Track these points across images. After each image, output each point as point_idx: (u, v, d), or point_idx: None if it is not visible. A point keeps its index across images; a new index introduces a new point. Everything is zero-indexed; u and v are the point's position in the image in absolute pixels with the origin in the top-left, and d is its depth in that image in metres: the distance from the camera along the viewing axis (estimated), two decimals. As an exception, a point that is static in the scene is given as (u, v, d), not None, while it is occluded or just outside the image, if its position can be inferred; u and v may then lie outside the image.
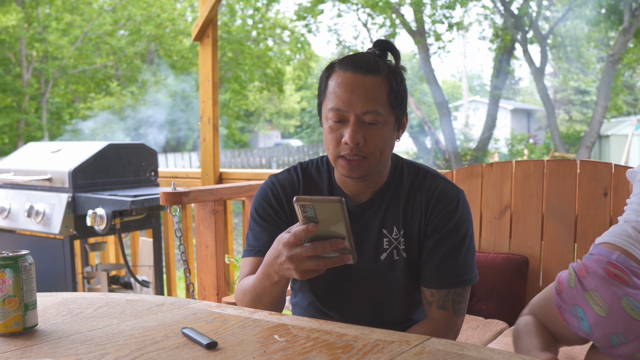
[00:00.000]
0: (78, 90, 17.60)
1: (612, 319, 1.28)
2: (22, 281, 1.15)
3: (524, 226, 2.16)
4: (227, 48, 20.11)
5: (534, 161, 2.17)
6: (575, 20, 19.74)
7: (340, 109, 1.35)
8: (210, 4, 3.31)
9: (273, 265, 1.25)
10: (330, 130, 1.38)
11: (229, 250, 3.36)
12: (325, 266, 1.19)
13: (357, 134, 1.34)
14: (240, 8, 21.03)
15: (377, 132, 1.36)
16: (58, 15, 15.97)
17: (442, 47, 20.02)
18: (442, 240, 1.42)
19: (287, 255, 1.19)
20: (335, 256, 1.19)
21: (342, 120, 1.36)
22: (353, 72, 1.35)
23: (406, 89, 1.42)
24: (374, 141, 1.36)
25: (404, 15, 19.23)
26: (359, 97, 1.34)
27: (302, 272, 1.20)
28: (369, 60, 1.36)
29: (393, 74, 1.38)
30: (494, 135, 21.77)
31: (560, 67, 22.52)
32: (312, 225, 1.16)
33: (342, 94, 1.35)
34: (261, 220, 1.49)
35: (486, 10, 20.99)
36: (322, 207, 1.14)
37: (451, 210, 1.43)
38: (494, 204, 2.23)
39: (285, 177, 1.52)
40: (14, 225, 3.34)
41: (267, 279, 1.30)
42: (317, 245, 1.17)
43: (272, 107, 28.30)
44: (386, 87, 1.36)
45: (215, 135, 3.54)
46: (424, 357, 0.99)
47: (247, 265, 1.48)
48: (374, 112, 1.34)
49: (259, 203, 1.51)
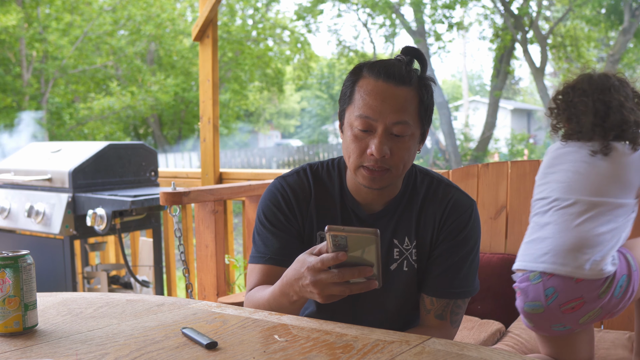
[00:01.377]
0: (78, 90, 17.59)
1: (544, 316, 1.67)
2: (22, 281, 1.15)
3: (520, 226, 2.17)
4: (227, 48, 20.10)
5: (530, 161, 2.17)
6: (575, 20, 19.73)
7: (370, 117, 1.30)
8: (210, 4, 3.31)
9: (293, 286, 1.22)
10: (355, 138, 1.32)
11: (229, 250, 3.36)
12: (350, 292, 1.16)
13: (384, 145, 1.29)
14: (240, 8, 21.03)
15: (404, 145, 1.32)
16: (58, 15, 15.96)
17: (442, 47, 20.04)
18: (450, 250, 1.39)
19: (311, 280, 1.16)
20: (361, 282, 1.16)
21: (368, 130, 1.31)
22: (385, 82, 1.30)
23: (433, 101, 1.38)
24: (399, 154, 1.32)
25: (404, 15, 19.24)
26: (391, 107, 1.29)
27: (325, 297, 1.18)
28: (401, 70, 1.31)
29: (424, 86, 1.34)
30: (494, 135, 21.76)
31: (560, 67, 22.51)
32: (342, 254, 1.12)
33: (373, 102, 1.29)
34: (271, 226, 1.43)
35: (486, 10, 20.99)
36: (355, 238, 1.11)
37: (464, 221, 1.40)
38: (490, 204, 2.23)
39: (295, 180, 1.46)
40: (14, 225, 3.34)
41: (285, 297, 1.27)
42: (344, 272, 1.13)
43: (272, 107, 28.30)
44: (417, 99, 1.32)
45: (215, 135, 3.54)
46: (424, 357, 0.99)
47: (256, 273, 1.43)
48: (404, 124, 1.30)
49: (268, 207, 1.45)
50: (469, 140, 22.02)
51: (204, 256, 2.91)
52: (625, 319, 2.00)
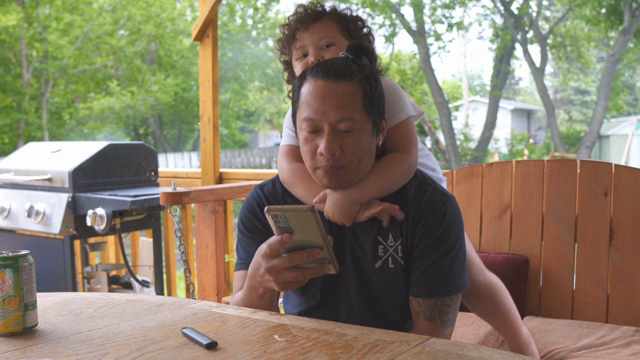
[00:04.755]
0: (78, 90, 17.59)
1: None
2: (22, 281, 1.15)
3: (524, 226, 2.16)
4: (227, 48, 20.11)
5: (534, 161, 2.17)
6: (575, 20, 19.74)
7: (313, 119, 1.29)
8: (210, 4, 3.31)
9: (255, 277, 1.25)
10: (305, 141, 1.32)
11: (229, 250, 3.36)
12: (304, 277, 1.17)
13: (333, 143, 1.28)
14: (240, 8, 21.03)
15: (354, 140, 1.30)
16: (58, 15, 15.96)
17: (442, 47, 20.03)
18: (428, 249, 1.36)
19: (265, 267, 1.19)
20: (314, 266, 1.17)
21: (316, 131, 1.30)
22: (324, 80, 1.29)
23: (382, 92, 1.36)
24: (350, 150, 1.30)
25: (404, 15, 19.24)
26: (332, 105, 1.28)
27: (281, 284, 1.19)
28: (340, 66, 1.31)
29: (367, 78, 1.32)
30: (494, 135, 21.77)
31: (560, 67, 22.52)
32: (287, 236, 1.14)
33: (314, 102, 1.29)
34: (248, 233, 1.45)
35: (486, 10, 21.00)
36: (294, 217, 1.12)
37: (438, 218, 1.36)
38: (494, 204, 2.22)
39: (269, 189, 1.48)
40: (14, 225, 3.34)
41: (253, 291, 1.30)
42: (294, 255, 1.15)
43: (272, 107, 28.30)
44: (360, 92, 1.30)
45: (215, 135, 3.54)
46: (424, 357, 0.99)
47: (239, 279, 1.45)
48: (349, 120, 1.28)
49: (245, 215, 1.47)
50: (469, 140, 22.03)
51: (204, 256, 2.91)
52: (629, 316, 2.01)
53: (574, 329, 1.93)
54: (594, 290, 2.04)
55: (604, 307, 2.04)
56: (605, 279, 2.03)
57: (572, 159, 2.14)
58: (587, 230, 2.05)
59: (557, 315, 2.10)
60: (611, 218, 2.02)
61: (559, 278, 2.10)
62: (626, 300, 1.99)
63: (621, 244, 2.00)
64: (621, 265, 2.00)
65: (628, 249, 1.99)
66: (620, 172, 2.02)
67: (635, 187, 1.99)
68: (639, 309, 1.98)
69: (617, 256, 2.01)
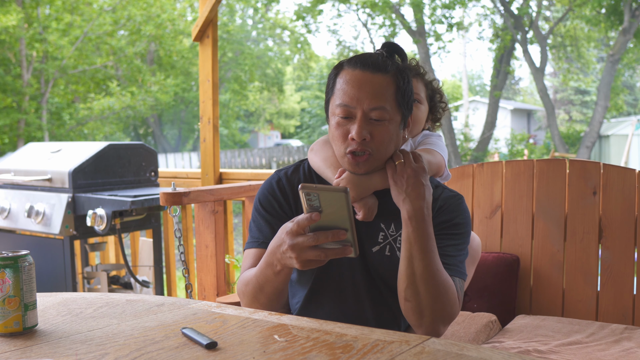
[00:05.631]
0: (78, 91, 17.59)
1: None
2: (22, 281, 1.15)
3: (515, 225, 2.18)
4: (227, 48, 20.12)
5: (524, 161, 2.19)
6: (575, 20, 19.74)
7: (348, 105, 1.37)
8: (210, 4, 3.31)
9: (276, 253, 1.27)
10: (337, 126, 1.40)
11: (229, 250, 3.36)
12: (326, 257, 1.20)
13: (364, 129, 1.36)
14: (240, 8, 21.04)
15: (383, 129, 1.38)
16: (58, 16, 15.95)
17: (442, 47, 20.01)
18: (444, 238, 1.44)
19: (289, 243, 1.21)
20: (337, 247, 1.19)
21: (349, 117, 1.38)
22: (362, 70, 1.38)
23: (412, 89, 1.45)
24: (379, 137, 1.38)
25: (403, 15, 19.24)
26: (367, 93, 1.36)
27: (303, 262, 1.22)
28: (377, 60, 1.39)
29: (400, 74, 1.41)
30: (494, 135, 21.77)
31: (560, 67, 22.52)
32: (316, 215, 1.17)
33: (350, 90, 1.37)
34: (265, 213, 1.50)
35: (486, 10, 20.99)
36: (326, 197, 1.15)
37: (454, 211, 1.47)
38: (485, 203, 2.24)
39: (292, 171, 1.55)
40: (14, 225, 3.34)
41: (270, 267, 1.32)
42: (319, 235, 1.18)
43: (272, 107, 28.30)
44: (393, 85, 1.39)
45: (215, 135, 3.54)
46: (423, 357, 0.99)
47: (250, 257, 1.49)
48: (381, 109, 1.37)
49: (263, 195, 1.52)
50: (469, 140, 22.03)
51: (204, 256, 2.91)
52: (619, 313, 2.01)
53: (565, 326, 1.95)
54: (584, 289, 2.07)
55: (593, 305, 2.06)
56: (594, 277, 2.06)
57: (562, 158, 2.16)
58: (577, 229, 2.08)
59: (548, 313, 2.12)
60: (600, 217, 2.05)
61: (549, 276, 2.12)
62: (615, 298, 2.02)
63: (610, 243, 2.03)
64: (610, 263, 2.02)
65: (617, 247, 2.02)
66: (609, 172, 2.04)
67: (624, 186, 2.01)
68: (628, 307, 2.00)
69: (607, 254, 2.03)
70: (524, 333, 1.91)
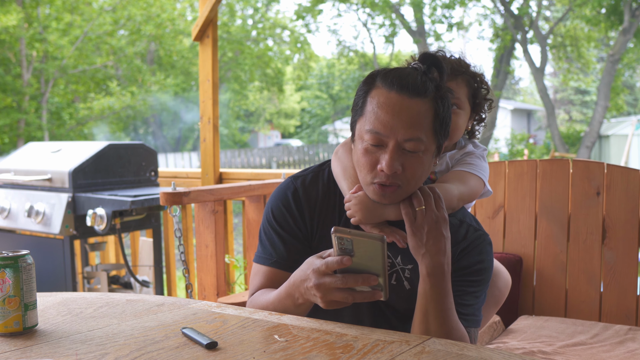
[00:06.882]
0: (78, 90, 17.59)
1: None
2: (22, 281, 1.15)
3: (518, 226, 2.17)
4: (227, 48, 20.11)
5: (527, 161, 2.18)
6: (575, 20, 19.73)
7: (380, 133, 1.22)
8: (210, 4, 3.31)
9: (299, 287, 1.21)
10: (365, 152, 1.25)
11: (229, 250, 3.36)
12: (354, 300, 1.14)
13: (396, 161, 1.22)
14: (240, 8, 21.04)
15: (417, 161, 1.24)
16: (58, 15, 15.96)
17: (442, 48, 20.01)
18: (463, 285, 1.35)
19: (315, 282, 1.15)
20: (366, 291, 1.14)
21: (379, 145, 1.23)
22: (398, 93, 1.22)
23: (451, 113, 1.29)
24: (411, 170, 1.24)
25: (403, 15, 19.24)
26: (402, 122, 1.21)
27: (328, 302, 1.17)
28: (416, 81, 1.23)
29: (440, 99, 1.25)
30: (494, 135, 21.76)
31: (560, 67, 22.52)
32: (347, 259, 1.11)
33: (384, 116, 1.22)
34: (279, 228, 1.39)
35: (486, 10, 20.99)
36: (361, 243, 1.10)
37: (477, 255, 1.36)
38: (487, 203, 2.23)
39: (311, 180, 1.41)
40: (14, 225, 3.33)
41: (290, 299, 1.26)
42: (348, 278, 1.12)
43: (272, 107, 28.29)
44: (432, 112, 1.23)
45: (215, 135, 3.53)
46: (424, 357, 0.99)
47: (260, 275, 1.40)
48: (417, 140, 1.22)
49: (277, 208, 1.40)
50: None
51: (204, 256, 2.91)
52: (622, 314, 2.01)
53: (568, 327, 1.95)
54: (587, 289, 2.06)
55: (596, 305, 2.05)
56: (598, 278, 2.05)
57: (565, 158, 2.14)
58: (580, 230, 2.07)
59: (551, 314, 2.11)
60: (604, 217, 2.04)
61: (552, 277, 2.11)
62: (619, 299, 2.01)
63: (614, 243, 2.02)
64: (614, 264, 2.02)
65: (620, 248, 2.01)
66: (613, 172, 2.03)
67: (627, 187, 2.00)
68: (631, 308, 1.99)
69: (610, 255, 2.02)
70: (528, 334, 1.91)
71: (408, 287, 1.38)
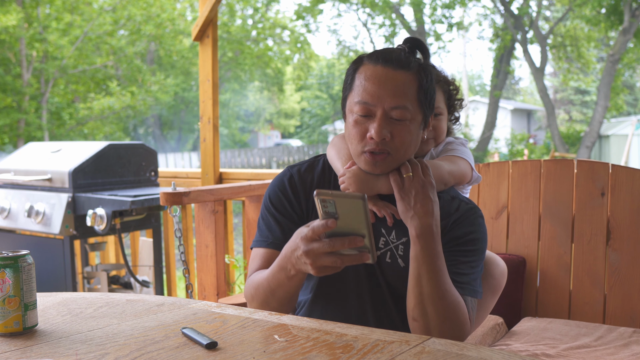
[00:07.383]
0: (78, 90, 17.59)
1: None
2: (22, 281, 1.15)
3: (521, 226, 2.16)
4: (227, 48, 20.11)
5: (531, 161, 2.17)
6: (575, 20, 19.74)
7: (368, 103, 1.31)
8: (210, 4, 3.31)
9: (290, 258, 1.24)
10: (355, 124, 1.33)
11: (229, 250, 3.36)
12: (342, 263, 1.17)
13: (384, 129, 1.30)
14: (240, 8, 21.04)
15: (404, 129, 1.31)
16: (58, 15, 15.96)
17: (442, 47, 20.05)
18: (457, 254, 1.38)
19: (304, 249, 1.18)
20: (353, 254, 1.16)
21: (368, 115, 1.32)
22: (383, 66, 1.31)
23: (434, 88, 1.39)
24: (400, 137, 1.31)
25: (403, 15, 19.25)
26: (388, 91, 1.30)
27: (318, 268, 1.19)
28: (399, 56, 1.33)
29: (423, 71, 1.34)
30: (494, 135, 21.77)
31: (560, 67, 22.52)
32: (332, 221, 1.14)
33: (371, 87, 1.31)
34: (275, 211, 1.45)
35: (486, 10, 21.00)
36: (343, 203, 1.12)
37: (470, 226, 1.41)
38: (491, 204, 2.22)
39: (306, 168, 1.49)
40: (14, 225, 3.34)
41: (283, 271, 1.28)
42: (335, 241, 1.15)
43: (272, 107, 28.29)
44: (416, 83, 1.32)
45: (215, 135, 3.54)
46: (424, 357, 0.99)
47: (258, 257, 1.45)
48: (402, 108, 1.30)
49: (274, 192, 1.47)
50: (469, 140, 22.02)
51: (204, 256, 2.91)
52: (627, 316, 2.00)
53: (572, 329, 1.93)
54: (591, 291, 2.04)
55: (601, 307, 2.03)
56: (602, 280, 2.03)
57: (570, 159, 2.14)
58: (584, 231, 2.05)
59: (554, 316, 2.10)
60: (608, 218, 2.02)
61: (556, 278, 2.10)
62: (623, 301, 1.99)
63: (618, 244, 2.00)
64: (618, 265, 2.00)
65: (625, 249, 1.99)
66: (618, 172, 2.01)
67: (633, 187, 1.99)
68: (636, 310, 1.98)
69: (614, 256, 2.01)
70: (531, 336, 1.90)
71: (402, 265, 1.41)
